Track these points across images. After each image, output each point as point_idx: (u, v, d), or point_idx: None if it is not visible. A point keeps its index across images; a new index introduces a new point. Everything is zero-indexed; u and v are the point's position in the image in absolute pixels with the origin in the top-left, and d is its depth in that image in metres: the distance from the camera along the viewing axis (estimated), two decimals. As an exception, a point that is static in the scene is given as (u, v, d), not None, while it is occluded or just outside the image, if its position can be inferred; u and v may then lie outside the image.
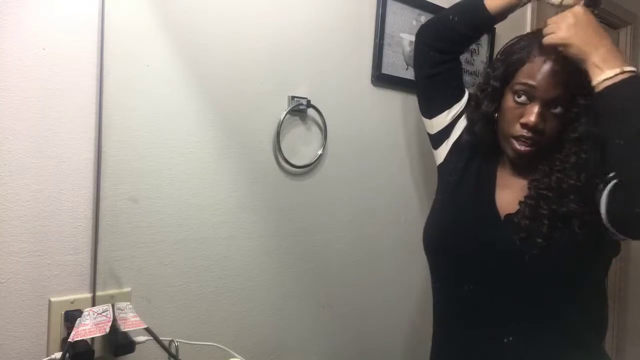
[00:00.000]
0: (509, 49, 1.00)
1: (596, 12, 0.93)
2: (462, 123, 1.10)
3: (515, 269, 0.98)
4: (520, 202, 0.98)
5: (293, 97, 1.14)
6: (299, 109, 1.16)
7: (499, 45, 1.46)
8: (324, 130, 1.21)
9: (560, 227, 0.92)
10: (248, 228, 1.11)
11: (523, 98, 0.94)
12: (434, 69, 1.09)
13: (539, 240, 0.92)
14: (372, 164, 1.34)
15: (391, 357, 1.43)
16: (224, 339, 1.02)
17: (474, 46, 1.52)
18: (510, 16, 1.06)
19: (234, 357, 0.93)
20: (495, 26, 1.51)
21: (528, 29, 1.71)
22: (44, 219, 0.85)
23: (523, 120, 0.93)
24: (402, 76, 1.35)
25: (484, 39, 1.54)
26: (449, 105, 1.10)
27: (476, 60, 1.51)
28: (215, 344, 0.95)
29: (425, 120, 1.15)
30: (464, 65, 1.49)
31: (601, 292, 1.04)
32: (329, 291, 1.28)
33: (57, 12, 0.85)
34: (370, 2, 1.28)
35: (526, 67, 0.95)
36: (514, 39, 1.03)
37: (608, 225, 0.88)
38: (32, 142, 0.83)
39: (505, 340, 1.03)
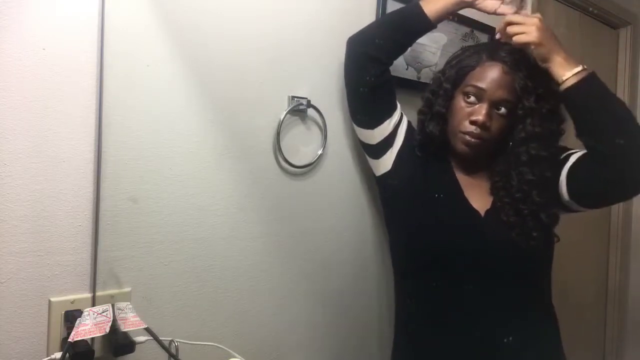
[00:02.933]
0: (460, 56, 1.09)
1: None
2: (402, 129, 1.16)
3: (509, 264, 1.05)
4: (496, 203, 1.07)
5: (293, 97, 1.14)
6: (299, 109, 1.16)
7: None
8: (324, 130, 1.21)
9: (539, 220, 1.03)
10: (248, 228, 1.11)
11: (472, 99, 1.04)
12: (378, 79, 1.12)
13: (535, 234, 1.02)
14: (372, 164, 1.34)
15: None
16: (224, 339, 1.02)
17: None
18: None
19: (234, 357, 0.93)
20: (495, 26, 1.52)
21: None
22: (44, 219, 0.85)
23: (473, 118, 1.03)
24: (402, 76, 1.34)
25: (484, 39, 1.54)
26: (390, 114, 1.14)
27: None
28: (216, 344, 0.95)
29: (365, 132, 1.16)
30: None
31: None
32: (329, 291, 1.28)
33: (57, 12, 0.85)
34: (370, 2, 1.28)
35: (476, 72, 1.04)
36: (463, 47, 1.14)
37: (567, 200, 1.03)
38: (32, 142, 0.83)
39: (505, 340, 1.03)
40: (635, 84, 2.37)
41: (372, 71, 1.10)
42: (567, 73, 0.95)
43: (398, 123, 1.15)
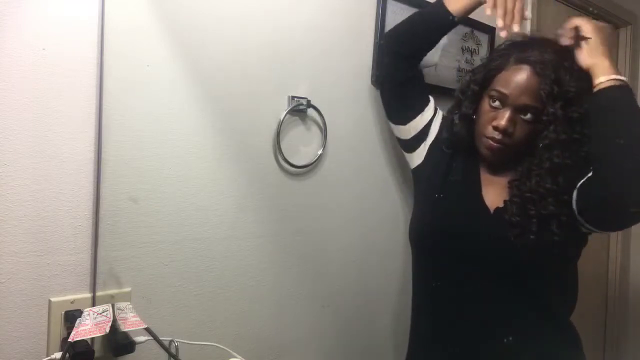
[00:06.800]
0: (491, 54, 1.10)
1: None
2: (436, 123, 1.17)
3: (512, 263, 1.03)
4: (506, 201, 1.05)
5: (293, 97, 1.14)
6: (299, 109, 1.16)
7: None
8: (324, 130, 1.21)
9: (545, 225, 0.99)
10: (248, 228, 1.11)
11: (497, 103, 1.03)
12: (406, 75, 1.16)
13: (532, 237, 0.99)
14: (372, 163, 1.34)
15: (391, 356, 1.43)
16: (224, 339, 1.02)
17: (474, 46, 1.52)
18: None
19: (234, 357, 0.93)
20: (495, 26, 1.52)
21: (528, 27, 1.71)
22: (44, 219, 0.85)
23: (495, 123, 1.01)
24: (402, 76, 1.34)
25: (484, 39, 1.54)
26: (421, 109, 1.16)
27: (476, 60, 1.51)
28: (215, 344, 0.96)
29: (399, 127, 1.20)
30: (464, 65, 1.50)
31: (576, 280, 1.13)
32: (329, 291, 1.28)
33: (57, 12, 0.85)
34: (370, 2, 1.28)
35: (502, 75, 1.03)
36: (501, 44, 1.11)
37: (579, 219, 0.98)
38: (32, 142, 0.83)
39: (505, 341, 1.03)
40: (635, 84, 2.37)
41: (399, 67, 1.15)
42: (607, 76, 0.96)
43: (432, 117, 1.17)
